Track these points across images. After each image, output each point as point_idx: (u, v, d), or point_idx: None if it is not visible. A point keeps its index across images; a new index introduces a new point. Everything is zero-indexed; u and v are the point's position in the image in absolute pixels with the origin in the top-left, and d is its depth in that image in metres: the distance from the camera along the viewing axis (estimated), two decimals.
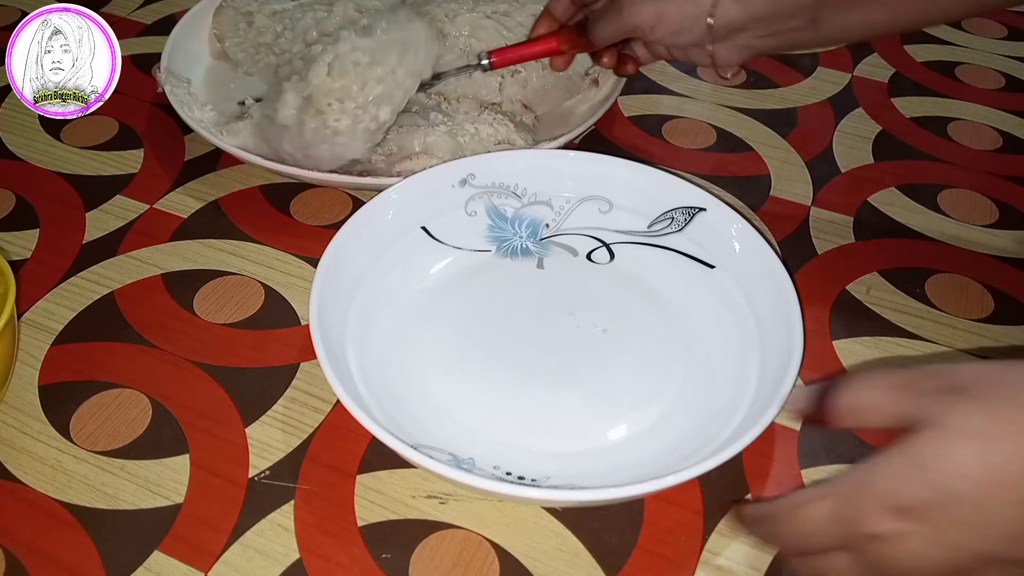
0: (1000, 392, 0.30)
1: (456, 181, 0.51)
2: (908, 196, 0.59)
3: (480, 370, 0.47)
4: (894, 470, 0.30)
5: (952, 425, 0.29)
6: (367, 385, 0.43)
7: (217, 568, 0.39)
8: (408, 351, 0.47)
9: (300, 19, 0.66)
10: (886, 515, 0.30)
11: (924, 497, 0.29)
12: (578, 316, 0.49)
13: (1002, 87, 0.70)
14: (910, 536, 0.30)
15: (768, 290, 0.46)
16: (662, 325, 0.49)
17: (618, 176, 0.52)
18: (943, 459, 0.29)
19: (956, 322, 0.51)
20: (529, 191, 0.52)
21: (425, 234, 0.51)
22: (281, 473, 0.42)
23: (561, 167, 0.52)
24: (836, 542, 0.32)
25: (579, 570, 0.39)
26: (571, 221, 0.53)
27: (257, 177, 0.59)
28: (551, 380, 0.46)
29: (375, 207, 0.49)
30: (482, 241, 0.53)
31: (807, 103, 0.67)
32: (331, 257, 0.45)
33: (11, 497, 0.41)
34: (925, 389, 0.31)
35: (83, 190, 0.58)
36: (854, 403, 0.33)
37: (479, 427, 0.44)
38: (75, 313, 0.50)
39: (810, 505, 0.32)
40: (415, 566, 0.39)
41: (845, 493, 0.31)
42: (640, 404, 0.45)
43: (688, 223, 0.50)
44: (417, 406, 0.44)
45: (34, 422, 0.44)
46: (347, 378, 0.41)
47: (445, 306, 0.50)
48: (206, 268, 0.53)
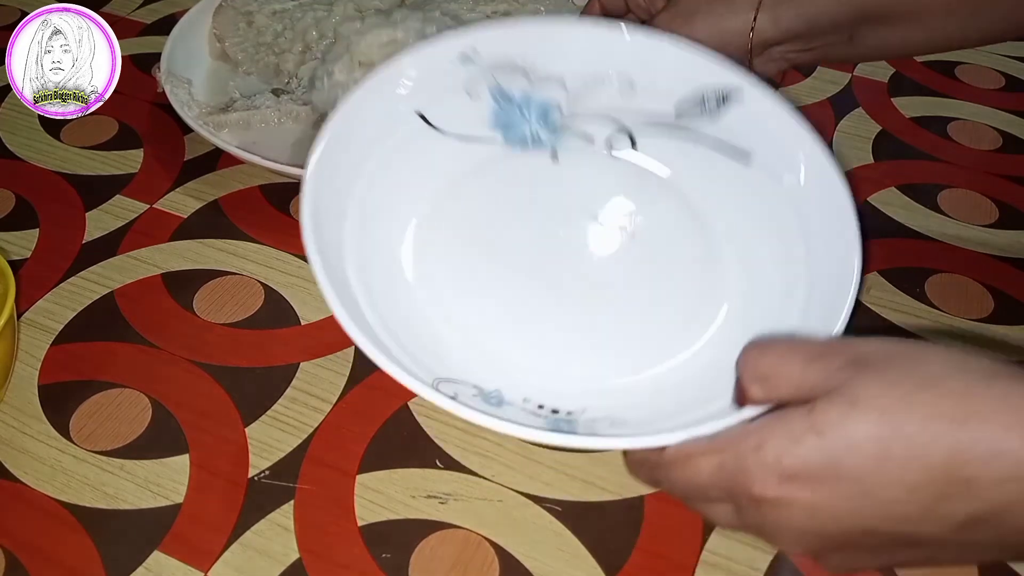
0: (904, 368, 0.29)
1: (456, 56, 0.44)
2: (908, 196, 0.59)
3: (498, 287, 0.42)
4: (789, 432, 0.30)
5: (853, 395, 0.29)
6: (375, 312, 0.38)
7: (217, 568, 0.39)
8: (414, 267, 0.43)
9: (300, 19, 0.66)
10: (772, 478, 0.29)
11: (814, 464, 0.29)
12: (600, 219, 0.44)
13: (1002, 87, 0.70)
14: (792, 505, 0.29)
15: (820, 195, 0.40)
16: (693, 239, 0.44)
17: (643, 49, 0.45)
18: (839, 428, 0.29)
19: (956, 322, 0.51)
20: (540, 66, 0.45)
21: (422, 122, 0.45)
22: (281, 473, 0.42)
23: (580, 39, 0.45)
24: (721, 495, 0.32)
25: (579, 570, 0.39)
26: (587, 103, 0.46)
27: (257, 177, 0.59)
28: (580, 297, 0.42)
29: (366, 91, 0.43)
30: (487, 129, 0.46)
31: (807, 103, 0.67)
32: (320, 159, 0.40)
33: (11, 497, 0.41)
34: (832, 361, 0.30)
35: (83, 190, 0.58)
36: (762, 370, 0.32)
37: (503, 353, 0.40)
38: (75, 313, 0.50)
39: (700, 457, 0.32)
40: (415, 566, 0.39)
41: (735, 449, 0.31)
42: (679, 333, 0.41)
43: (721, 108, 0.44)
44: (431, 331, 0.40)
45: (34, 422, 0.44)
46: (353, 306, 0.36)
47: (452, 211, 0.44)
48: (206, 268, 0.53)
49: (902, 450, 0.28)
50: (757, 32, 0.50)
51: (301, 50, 0.64)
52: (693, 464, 0.32)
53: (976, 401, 0.28)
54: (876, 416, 0.28)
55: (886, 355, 0.30)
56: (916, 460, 0.28)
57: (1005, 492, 0.27)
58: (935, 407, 0.28)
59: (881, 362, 0.29)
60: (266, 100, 0.61)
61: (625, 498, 0.41)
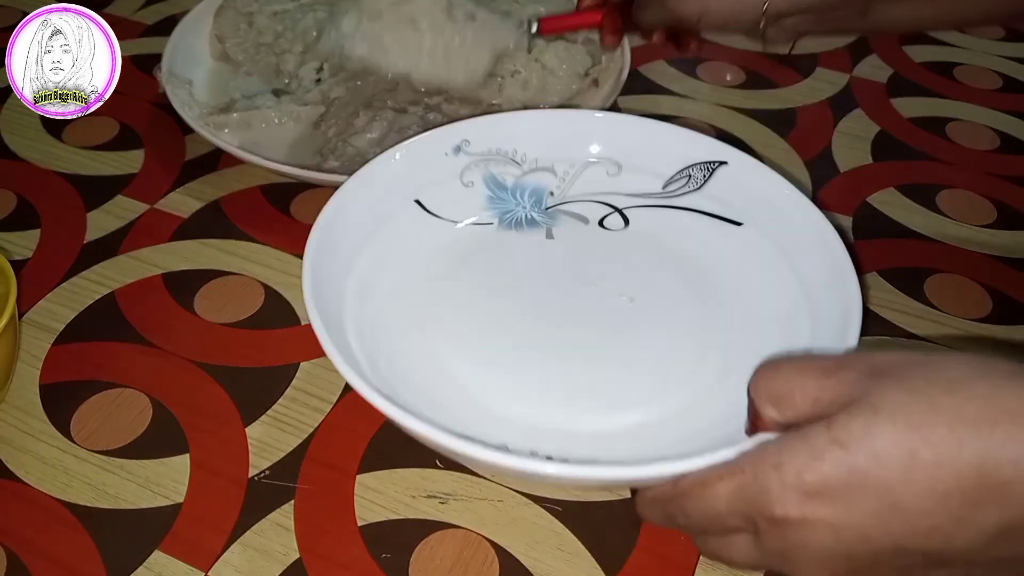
0: (925, 375, 0.28)
1: (449, 149, 0.48)
2: (907, 196, 0.59)
3: (499, 350, 0.44)
4: (810, 447, 0.28)
5: (876, 404, 0.28)
6: (378, 375, 0.40)
7: (217, 568, 0.39)
8: (417, 336, 0.44)
9: (300, 19, 0.66)
10: (795, 497, 0.28)
11: (838, 479, 0.28)
12: (599, 285, 0.46)
13: (1000, 88, 0.70)
14: (816, 525, 0.28)
15: (810, 242, 0.42)
16: (693, 291, 0.46)
17: (626, 134, 0.48)
18: (864, 439, 0.27)
19: (955, 322, 0.51)
20: (529, 157, 0.49)
21: (419, 208, 0.47)
22: (281, 473, 0.42)
23: (563, 128, 0.49)
24: (740, 522, 0.30)
25: (579, 570, 0.39)
26: (577, 187, 0.49)
27: (257, 177, 0.59)
28: (581, 355, 0.43)
29: (361, 180, 0.45)
30: (482, 214, 0.49)
31: (806, 103, 0.67)
32: (319, 238, 0.42)
33: (12, 496, 0.41)
34: (849, 373, 0.29)
35: (84, 190, 0.58)
36: (776, 390, 0.31)
37: (506, 410, 0.41)
38: (76, 313, 0.50)
39: (717, 482, 0.30)
40: (415, 566, 0.39)
41: (754, 470, 0.29)
42: (685, 374, 0.42)
43: (707, 180, 0.46)
44: (435, 394, 0.41)
45: (35, 421, 0.44)
46: (357, 367, 0.37)
47: (450, 284, 0.47)
48: (206, 268, 0.53)
49: (931, 456, 0.27)
50: (771, 4, 0.50)
51: (301, 50, 0.64)
52: (710, 491, 0.31)
53: (1004, 403, 0.27)
54: (902, 423, 0.27)
55: (905, 363, 0.29)
56: (946, 466, 0.26)
57: None
58: (962, 411, 0.27)
59: (900, 370, 0.28)
60: (266, 100, 0.61)
61: (625, 498, 0.41)
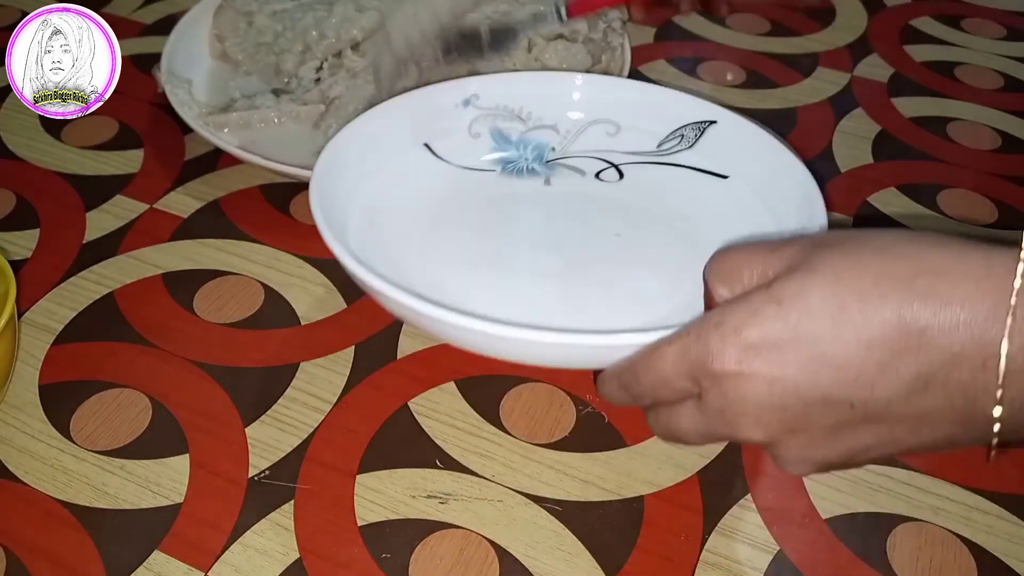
0: (859, 241, 0.31)
1: (460, 101, 0.51)
2: (908, 196, 0.59)
3: (491, 266, 0.47)
4: (750, 305, 0.31)
5: (812, 266, 0.30)
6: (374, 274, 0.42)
7: (217, 568, 0.39)
8: (416, 254, 0.47)
9: (300, 19, 0.66)
10: (733, 352, 0.30)
11: (773, 333, 0.30)
12: (590, 223, 0.49)
13: (1001, 87, 0.70)
14: (752, 377, 0.30)
15: (791, 196, 0.45)
16: (676, 232, 0.49)
17: (625, 97, 0.52)
18: (799, 296, 0.30)
19: None
20: (534, 115, 0.52)
21: (428, 151, 0.51)
22: (281, 473, 0.42)
23: (566, 90, 0.52)
24: (686, 385, 0.32)
25: (579, 570, 0.39)
26: (578, 144, 0.53)
27: (257, 177, 0.59)
28: (568, 275, 0.47)
29: (374, 117, 0.48)
30: (486, 162, 0.53)
31: (807, 103, 0.67)
32: (329, 159, 0.44)
33: (11, 496, 0.41)
34: (793, 246, 0.32)
35: (83, 190, 0.58)
36: (726, 270, 0.33)
37: (493, 314, 0.42)
38: (75, 313, 0.50)
39: (665, 347, 0.33)
40: (415, 566, 0.39)
41: (698, 330, 0.32)
42: (660, 296, 0.45)
43: (699, 139, 0.50)
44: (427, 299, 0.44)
45: (34, 422, 0.44)
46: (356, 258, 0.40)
47: (450, 214, 0.50)
48: (206, 268, 0.53)
49: (857, 308, 0.29)
50: None
51: (301, 50, 0.64)
52: (658, 354, 0.33)
53: (926, 262, 0.29)
54: (831, 279, 0.30)
55: (844, 236, 0.32)
56: (870, 316, 0.29)
57: (956, 339, 0.28)
58: (888, 268, 0.29)
59: (839, 241, 0.31)
60: (266, 100, 0.61)
61: (625, 498, 0.41)
